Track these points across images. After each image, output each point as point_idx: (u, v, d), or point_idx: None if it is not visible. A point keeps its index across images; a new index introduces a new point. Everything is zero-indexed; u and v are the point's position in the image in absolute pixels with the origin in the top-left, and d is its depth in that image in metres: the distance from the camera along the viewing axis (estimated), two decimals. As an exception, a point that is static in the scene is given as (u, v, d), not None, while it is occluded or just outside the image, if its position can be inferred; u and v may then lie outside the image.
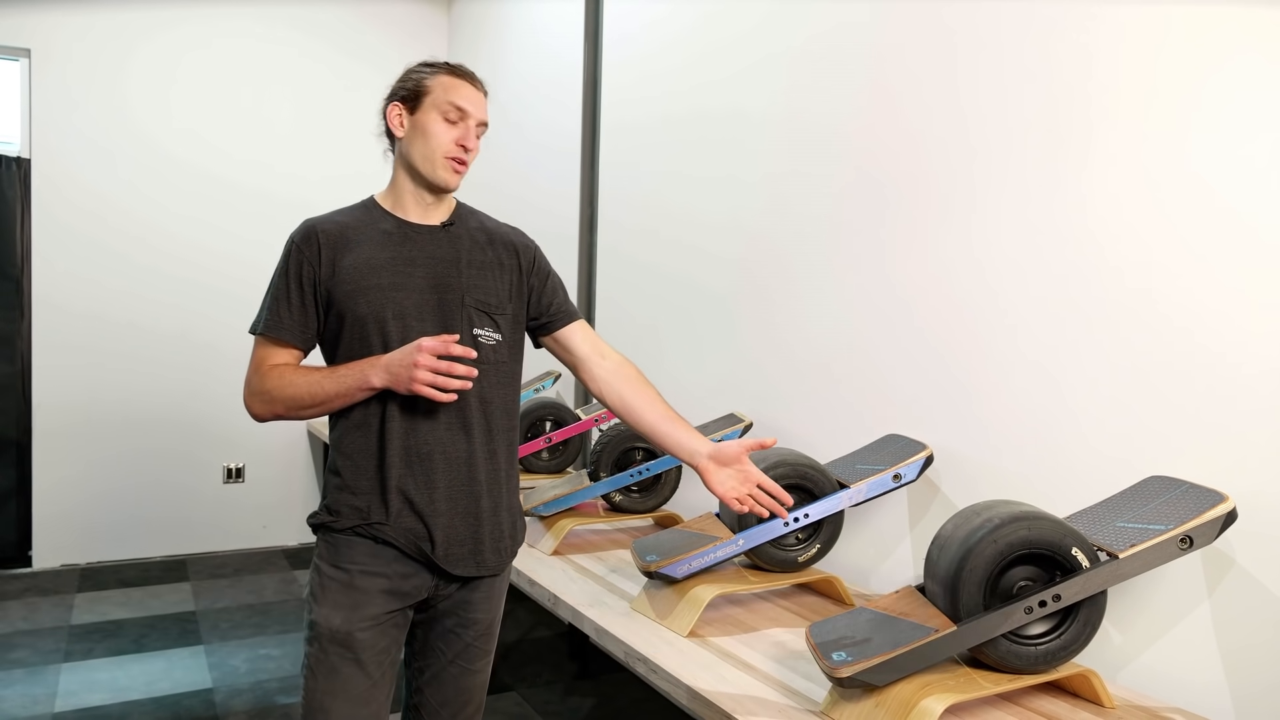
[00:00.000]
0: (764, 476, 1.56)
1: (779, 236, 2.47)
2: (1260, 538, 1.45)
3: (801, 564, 1.95)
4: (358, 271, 1.55)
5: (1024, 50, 1.82)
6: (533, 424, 3.02)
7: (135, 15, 4.20)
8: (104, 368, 4.24)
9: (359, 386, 1.51)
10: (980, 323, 1.91)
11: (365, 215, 1.62)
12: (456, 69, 1.63)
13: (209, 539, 4.51)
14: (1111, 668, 1.64)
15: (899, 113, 2.10)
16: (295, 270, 1.57)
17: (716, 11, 2.71)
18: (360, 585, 1.52)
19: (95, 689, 2.95)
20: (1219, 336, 1.51)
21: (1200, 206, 1.53)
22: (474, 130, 1.60)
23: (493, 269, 1.65)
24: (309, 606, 1.55)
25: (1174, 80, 1.57)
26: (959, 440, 1.96)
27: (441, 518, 1.55)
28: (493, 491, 1.61)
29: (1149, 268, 1.61)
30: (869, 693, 1.39)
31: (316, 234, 1.58)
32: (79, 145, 4.13)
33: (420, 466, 1.54)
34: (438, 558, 1.54)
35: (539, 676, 3.12)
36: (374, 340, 1.54)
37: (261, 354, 1.58)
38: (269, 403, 1.55)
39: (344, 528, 1.54)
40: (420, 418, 1.54)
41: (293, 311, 1.57)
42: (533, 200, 3.86)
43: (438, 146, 1.57)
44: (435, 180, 1.59)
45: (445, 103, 1.58)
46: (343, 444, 1.57)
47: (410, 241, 1.60)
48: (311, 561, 1.60)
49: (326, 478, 1.61)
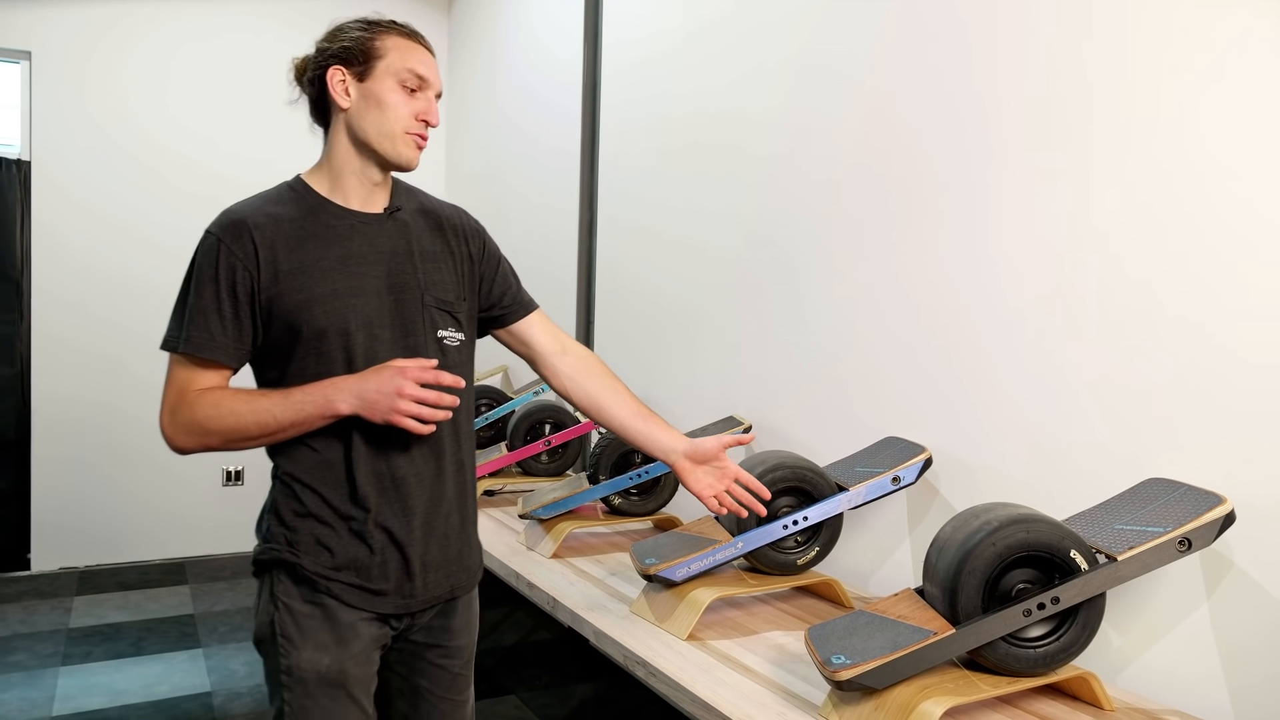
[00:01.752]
0: (742, 471, 1.50)
1: (778, 238, 2.47)
2: (1259, 540, 1.45)
3: (800, 567, 1.94)
4: (306, 275, 1.33)
5: (1022, 50, 1.82)
6: (532, 426, 3.02)
7: (135, 17, 4.21)
8: (103, 370, 4.24)
9: (320, 414, 1.30)
10: (979, 325, 1.91)
11: (299, 203, 1.39)
12: (410, 30, 1.43)
13: (208, 542, 4.50)
14: (1111, 670, 1.64)
15: (897, 115, 2.10)
16: (227, 275, 1.32)
17: (717, 12, 2.71)
18: (343, 618, 1.36)
19: (93, 692, 2.95)
20: (1218, 340, 1.51)
21: (1200, 209, 1.53)
22: (434, 102, 1.43)
23: (444, 259, 1.47)
24: (280, 650, 1.35)
25: (1174, 77, 1.57)
26: (958, 443, 1.96)
27: (418, 545, 1.41)
28: (461, 505, 1.48)
29: (1149, 270, 1.61)
30: (868, 696, 1.39)
31: (249, 230, 1.33)
32: (79, 147, 4.14)
33: (396, 493, 1.38)
34: (416, 589, 1.41)
35: (538, 680, 3.11)
36: (336, 355, 1.34)
37: (184, 376, 1.34)
38: (200, 434, 1.32)
39: (318, 571, 1.36)
40: (391, 436, 1.36)
41: (225, 325, 1.32)
42: (533, 198, 3.86)
43: (398, 120, 1.37)
44: (396, 159, 1.39)
45: (403, 69, 1.38)
46: (301, 473, 1.37)
47: (358, 234, 1.39)
48: (265, 597, 1.38)
49: (280, 504, 1.39)
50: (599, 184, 3.37)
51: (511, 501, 2.98)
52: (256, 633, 1.40)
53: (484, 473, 2.94)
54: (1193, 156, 1.54)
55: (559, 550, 2.37)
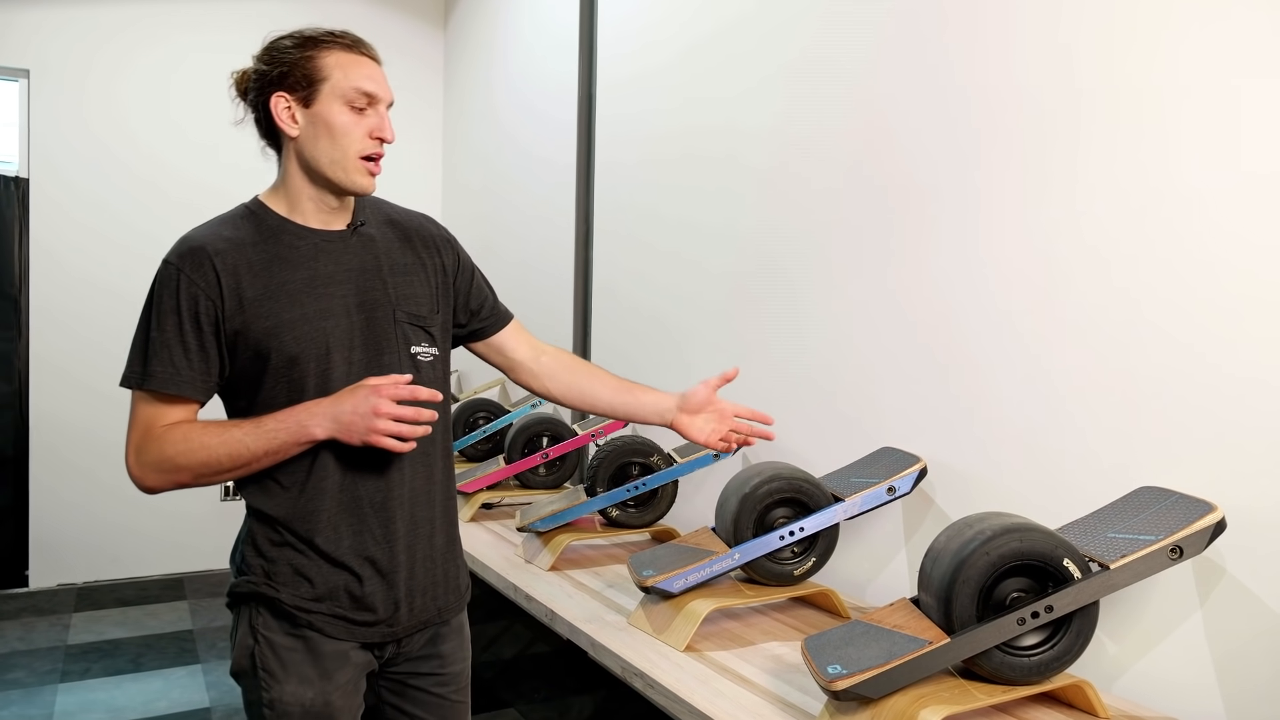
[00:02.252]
0: (739, 406, 1.49)
1: (772, 252, 2.49)
2: (1251, 548, 1.46)
3: (797, 577, 1.95)
4: (273, 300, 1.29)
5: (1012, 63, 1.84)
6: (529, 439, 3.02)
7: (132, 34, 4.23)
8: (102, 386, 4.24)
9: (295, 440, 1.26)
10: (973, 336, 1.93)
11: (258, 227, 1.34)
12: (351, 40, 1.34)
13: (206, 557, 4.50)
14: (1106, 678, 1.65)
15: (891, 129, 2.12)
16: (189, 306, 1.27)
17: (711, 28, 2.73)
18: (326, 649, 1.33)
19: (92, 709, 2.95)
20: (1210, 350, 1.52)
21: (1188, 221, 1.55)
22: (387, 116, 1.35)
23: (416, 271, 1.42)
24: (261, 684, 1.32)
25: (1162, 87, 1.59)
26: (953, 453, 1.97)
27: (403, 571, 1.37)
28: (445, 525, 1.45)
29: (1138, 282, 1.62)
30: (864, 705, 1.40)
31: (209, 257, 1.28)
32: (78, 164, 4.16)
33: (376, 517, 1.34)
34: (402, 615, 1.38)
35: (537, 693, 3.11)
36: (309, 381, 1.30)
37: (149, 414, 1.28)
38: (170, 471, 1.26)
39: (298, 605, 1.32)
40: (363, 460, 1.32)
41: (191, 359, 1.27)
42: (529, 211, 3.88)
43: (350, 145, 1.30)
44: (350, 186, 1.33)
45: (349, 89, 1.30)
46: (273, 503, 1.32)
47: (323, 254, 1.34)
48: (244, 629, 1.35)
49: (255, 534, 1.35)
50: (595, 197, 3.39)
51: (509, 514, 2.99)
52: (235, 665, 1.36)
53: (482, 486, 2.95)
54: (1180, 169, 1.56)
55: (557, 563, 2.38)
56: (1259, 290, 1.45)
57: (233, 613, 1.39)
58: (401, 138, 5.29)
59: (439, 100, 4.88)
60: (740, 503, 1.91)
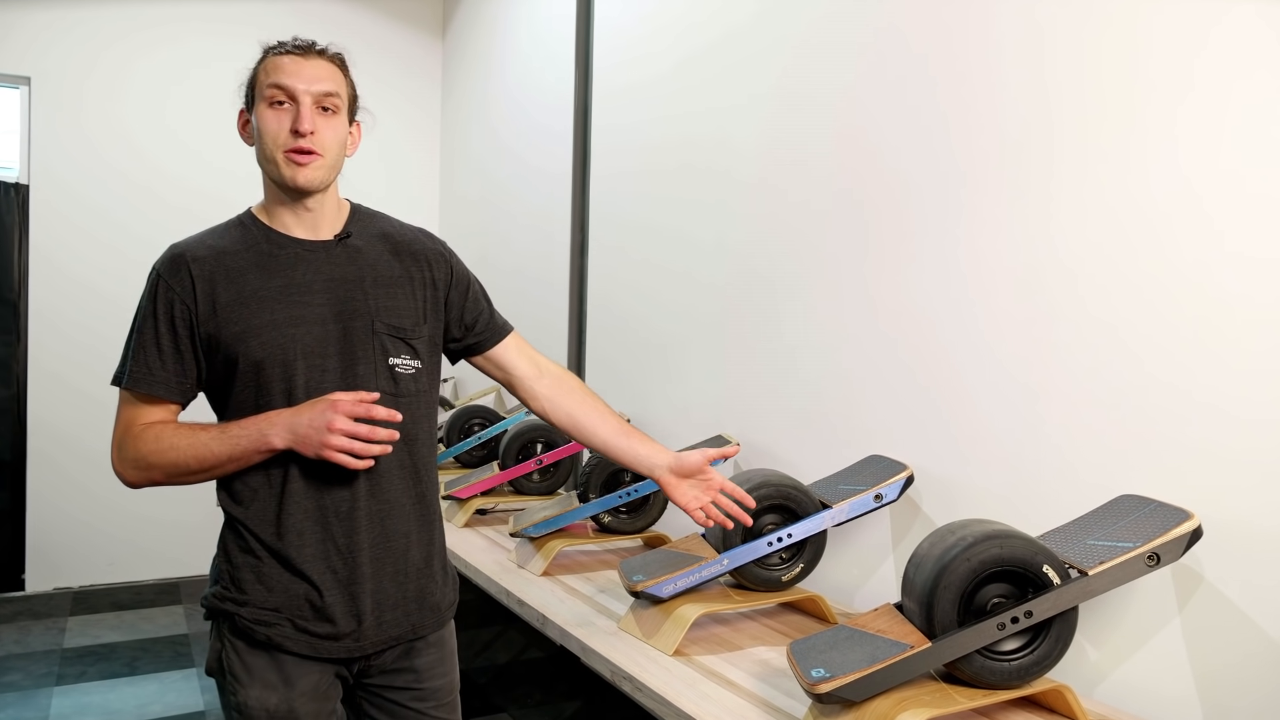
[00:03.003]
0: (727, 482, 1.50)
1: (762, 264, 2.52)
2: (1228, 555, 1.49)
3: (785, 583, 1.98)
4: (244, 306, 1.32)
5: (989, 82, 1.87)
6: (524, 446, 3.05)
7: (133, 41, 4.27)
8: (100, 391, 4.25)
9: (256, 448, 1.29)
10: (957, 347, 1.96)
11: (242, 235, 1.38)
12: (282, 46, 1.38)
13: (202, 563, 4.48)
14: (1088, 683, 1.68)
15: (873, 148, 2.16)
16: (165, 310, 1.32)
17: (706, 38, 2.77)
18: (287, 658, 1.36)
19: (87, 712, 2.96)
20: (1188, 360, 1.55)
21: (1161, 235, 1.58)
22: (309, 109, 1.33)
23: (402, 285, 1.43)
24: (229, 686, 1.36)
25: (1144, 99, 1.62)
26: (939, 461, 2.00)
27: (368, 582, 1.37)
28: (424, 540, 1.45)
29: (1120, 292, 1.65)
30: (847, 708, 1.42)
31: (187, 264, 1.33)
32: (77, 171, 4.19)
33: (341, 528, 1.35)
34: (366, 631, 1.37)
35: (530, 698, 3.13)
36: (275, 387, 1.32)
37: (130, 413, 1.34)
38: (144, 469, 1.32)
39: (259, 619, 1.35)
40: (330, 470, 1.33)
41: (165, 360, 1.32)
42: (525, 221, 3.91)
43: (273, 142, 1.33)
44: (281, 181, 1.35)
45: (266, 87, 1.34)
46: (240, 509, 1.36)
47: (302, 263, 1.37)
48: (214, 632, 1.40)
49: (226, 540, 1.40)
50: (589, 207, 3.42)
51: (503, 520, 3.01)
52: (207, 665, 1.42)
53: (476, 491, 2.97)
54: (1155, 182, 1.60)
55: (549, 568, 2.40)
56: (1235, 302, 1.49)
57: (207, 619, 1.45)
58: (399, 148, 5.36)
59: (437, 111, 4.93)
60: (729, 509, 1.93)
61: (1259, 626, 1.45)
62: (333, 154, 1.38)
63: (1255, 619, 1.46)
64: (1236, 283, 1.48)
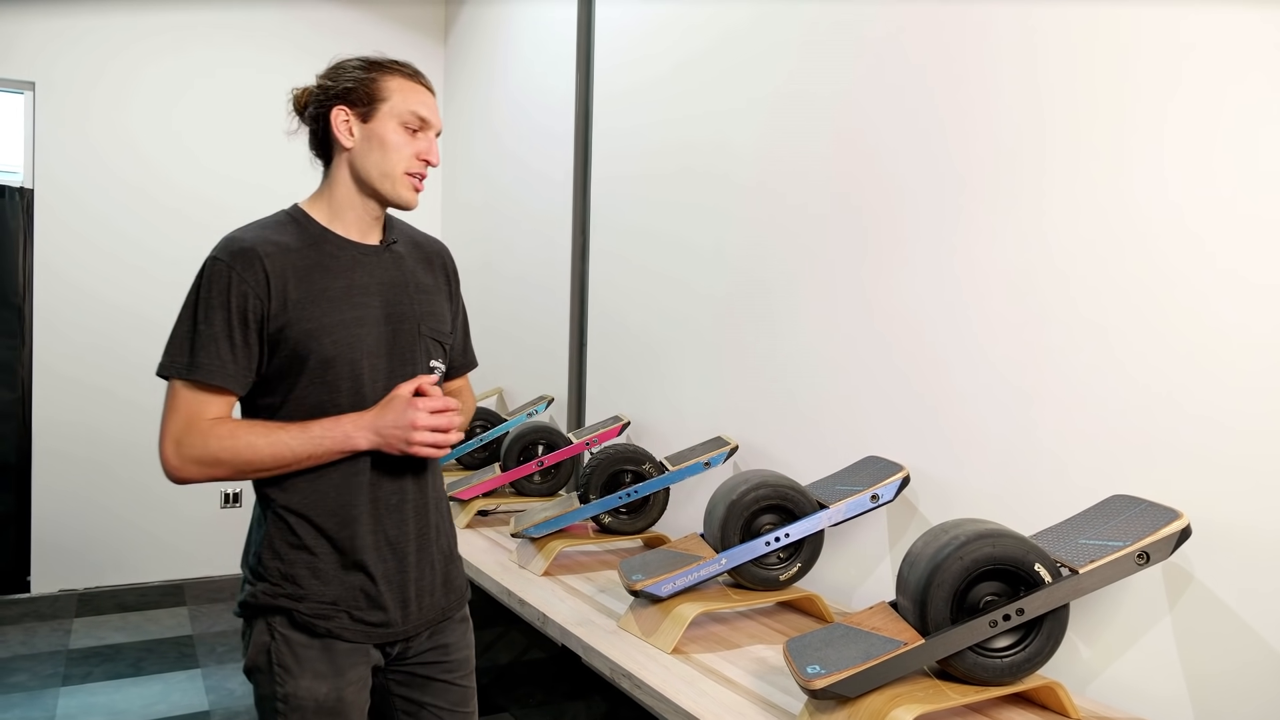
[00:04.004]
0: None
1: (760, 268, 2.55)
2: (1217, 554, 1.52)
3: (783, 582, 2.00)
4: (315, 305, 1.36)
5: (987, 94, 1.90)
6: (525, 447, 3.08)
7: (138, 48, 4.30)
8: (104, 394, 4.30)
9: (339, 449, 1.34)
10: (952, 351, 1.98)
11: (302, 233, 1.41)
12: (412, 70, 1.45)
13: (206, 564, 4.55)
14: (1080, 681, 1.70)
15: (872, 151, 2.18)
16: (238, 303, 1.33)
17: (704, 46, 2.80)
18: (340, 648, 1.40)
19: (93, 712, 2.99)
20: (1178, 364, 1.58)
21: (1153, 240, 1.61)
22: (435, 141, 1.46)
23: (435, 292, 1.52)
24: (275, 678, 1.38)
25: (1132, 107, 1.65)
26: (935, 462, 2.03)
27: (412, 570, 1.44)
28: (449, 530, 1.54)
29: (1111, 296, 1.68)
30: (842, 704, 1.45)
31: (260, 258, 1.34)
32: (81, 175, 4.22)
33: (391, 518, 1.42)
34: (412, 614, 1.45)
35: (531, 697, 3.16)
36: (342, 385, 1.37)
37: (193, 404, 1.33)
38: (210, 465, 1.32)
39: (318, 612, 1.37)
40: (386, 464, 1.40)
41: (235, 352, 1.33)
42: (527, 226, 3.94)
43: (399, 162, 1.40)
44: (395, 199, 1.43)
45: (406, 111, 1.40)
46: (296, 503, 1.38)
47: (360, 266, 1.42)
48: (259, 628, 1.40)
49: (274, 537, 1.40)
50: (591, 212, 3.45)
51: (504, 521, 3.04)
52: (249, 662, 1.41)
53: (478, 493, 3.00)
54: (1143, 189, 1.62)
55: (550, 568, 2.43)
56: (1231, 307, 1.51)
57: (244, 620, 1.45)
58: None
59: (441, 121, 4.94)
60: (728, 509, 1.96)
61: (1247, 624, 1.48)
62: None
63: (1244, 618, 1.48)
64: (1223, 292, 1.51)
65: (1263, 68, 1.46)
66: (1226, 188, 1.51)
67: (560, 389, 3.59)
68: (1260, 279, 1.46)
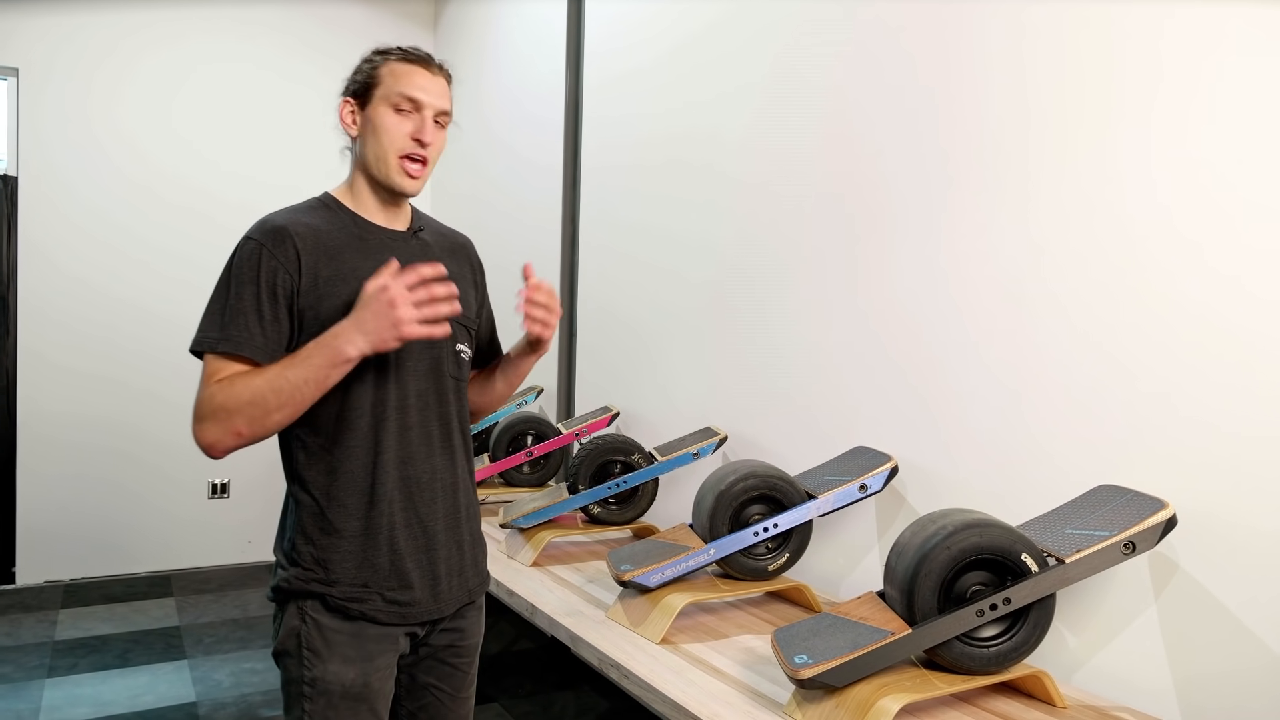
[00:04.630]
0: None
1: (749, 258, 2.54)
2: (1202, 543, 1.52)
3: (771, 572, 2.00)
4: (344, 283, 1.37)
5: (976, 92, 1.90)
6: (514, 438, 3.07)
7: (122, 35, 4.26)
8: (89, 384, 4.27)
9: (332, 362, 1.29)
10: (941, 343, 1.98)
11: (333, 217, 1.44)
12: (408, 53, 1.46)
13: (194, 555, 4.53)
14: (1066, 670, 1.71)
15: (860, 144, 2.18)
16: (268, 278, 1.35)
17: (692, 38, 2.79)
18: (371, 633, 1.40)
19: (79, 704, 2.98)
20: (1163, 358, 1.58)
21: (1148, 227, 1.61)
22: (431, 121, 1.44)
23: (461, 280, 1.53)
24: (305, 662, 1.38)
25: (1119, 105, 1.65)
26: (923, 452, 2.03)
27: (441, 550, 1.45)
28: (471, 515, 1.53)
29: (1095, 292, 1.68)
30: (829, 694, 1.45)
31: (291, 237, 1.37)
32: (65, 163, 4.18)
33: (421, 497, 1.42)
34: (442, 594, 1.45)
35: (520, 688, 3.16)
36: (369, 361, 1.36)
37: (221, 376, 1.34)
38: (226, 418, 1.30)
39: (352, 596, 1.38)
40: (415, 443, 1.41)
41: (265, 327, 1.34)
42: (518, 216, 3.92)
43: (390, 143, 1.41)
44: (388, 183, 1.43)
45: (394, 93, 1.41)
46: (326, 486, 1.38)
47: (388, 249, 1.44)
48: (290, 611, 1.41)
49: (305, 522, 1.40)
50: (580, 202, 3.43)
51: (493, 511, 3.03)
52: (279, 645, 1.42)
53: (466, 484, 2.99)
54: (1128, 187, 1.62)
55: (539, 559, 2.42)
56: (1213, 303, 1.51)
57: (277, 604, 1.45)
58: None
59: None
60: (716, 499, 1.96)
61: (1231, 613, 1.49)
62: (433, 164, 1.49)
63: (1229, 607, 1.49)
64: (1214, 286, 1.51)
65: (1241, 61, 1.46)
66: (1209, 185, 1.51)
67: (550, 379, 3.58)
68: (1243, 275, 1.47)
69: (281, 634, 1.42)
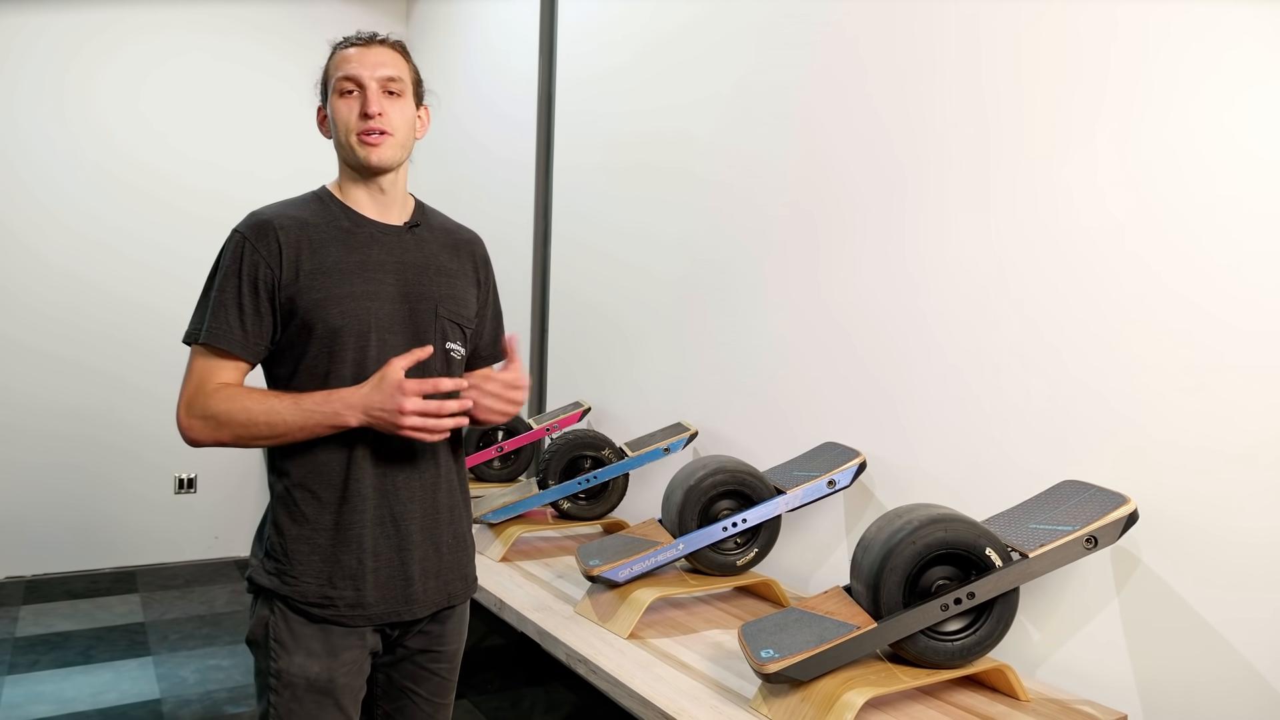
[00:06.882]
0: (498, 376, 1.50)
1: (720, 258, 2.54)
2: (1162, 540, 1.55)
3: (740, 568, 2.01)
4: (326, 276, 1.38)
5: (934, 101, 1.91)
6: (485, 433, 3.05)
7: (86, 24, 4.19)
8: (53, 377, 4.19)
9: (328, 424, 1.34)
10: (906, 339, 2.00)
11: (322, 210, 1.45)
12: (348, 39, 1.48)
13: (159, 550, 4.46)
14: (1030, 664, 1.73)
15: (826, 146, 2.19)
16: (250, 272, 1.37)
17: (664, 38, 2.79)
18: (336, 631, 1.39)
19: (40, 701, 2.93)
20: (1125, 355, 1.60)
21: (1100, 230, 1.63)
22: (376, 92, 1.42)
23: (460, 277, 1.53)
24: (270, 653, 1.38)
25: (1072, 111, 1.67)
26: (890, 448, 2.04)
27: (416, 550, 1.43)
28: (462, 514, 1.52)
29: (1052, 293, 1.70)
30: (795, 688, 1.46)
31: (274, 230, 1.38)
32: (36, 150, 4.10)
33: (397, 496, 1.41)
34: (415, 595, 1.43)
35: (490, 684, 3.14)
36: (347, 355, 1.38)
37: (204, 368, 1.38)
38: (215, 428, 1.35)
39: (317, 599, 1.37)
40: (395, 440, 1.40)
41: (245, 320, 1.37)
42: (488, 210, 3.90)
43: (346, 128, 1.42)
44: (355, 163, 1.43)
45: (336, 80, 1.43)
46: (300, 477, 1.39)
47: (376, 243, 1.44)
48: (262, 601, 1.41)
49: (278, 513, 1.41)
50: (553, 198, 3.42)
51: (464, 507, 3.02)
52: (250, 633, 1.42)
53: (436, 479, 2.97)
54: (1087, 181, 1.64)
55: (508, 554, 2.42)
56: (1156, 299, 1.53)
57: (251, 592, 1.45)
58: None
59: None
60: (685, 495, 1.96)
61: (1190, 607, 1.51)
62: (402, 134, 1.46)
63: (1189, 602, 1.51)
64: (1149, 287, 1.53)
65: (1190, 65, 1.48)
66: (1150, 191, 1.53)
67: (521, 375, 3.56)
68: (1190, 279, 1.49)
69: (253, 622, 1.42)
